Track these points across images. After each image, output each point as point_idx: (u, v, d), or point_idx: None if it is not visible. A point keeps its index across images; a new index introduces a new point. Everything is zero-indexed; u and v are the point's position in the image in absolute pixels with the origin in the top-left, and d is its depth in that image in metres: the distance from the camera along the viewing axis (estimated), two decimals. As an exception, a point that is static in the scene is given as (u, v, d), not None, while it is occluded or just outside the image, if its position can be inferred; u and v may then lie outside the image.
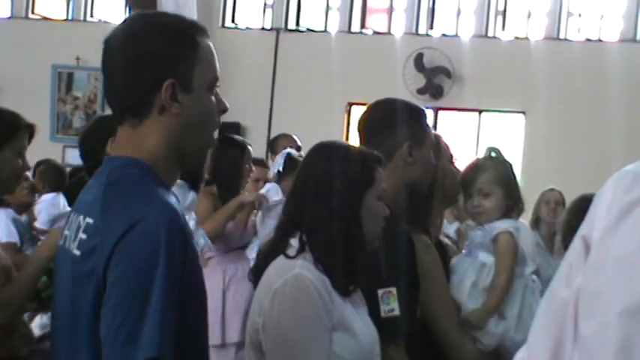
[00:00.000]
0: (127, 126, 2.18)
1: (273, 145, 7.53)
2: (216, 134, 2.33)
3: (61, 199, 7.41)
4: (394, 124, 3.25)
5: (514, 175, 3.54)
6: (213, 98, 2.22)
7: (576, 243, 1.52)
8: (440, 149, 3.53)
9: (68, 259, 2.15)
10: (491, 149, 3.58)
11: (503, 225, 3.44)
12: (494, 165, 3.54)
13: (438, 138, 3.56)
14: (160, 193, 2.11)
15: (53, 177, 7.61)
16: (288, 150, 6.85)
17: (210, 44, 2.24)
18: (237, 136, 6.09)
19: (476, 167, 3.55)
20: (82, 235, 2.10)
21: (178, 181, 5.79)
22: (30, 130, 3.41)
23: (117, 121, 2.21)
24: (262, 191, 6.18)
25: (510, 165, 3.56)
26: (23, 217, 6.96)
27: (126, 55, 2.16)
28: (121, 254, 1.98)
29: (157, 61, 2.13)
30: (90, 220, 2.09)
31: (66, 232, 2.23)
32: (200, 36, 2.20)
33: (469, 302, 3.33)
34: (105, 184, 2.14)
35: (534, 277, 3.53)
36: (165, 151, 2.17)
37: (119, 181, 2.13)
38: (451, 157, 3.63)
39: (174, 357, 1.98)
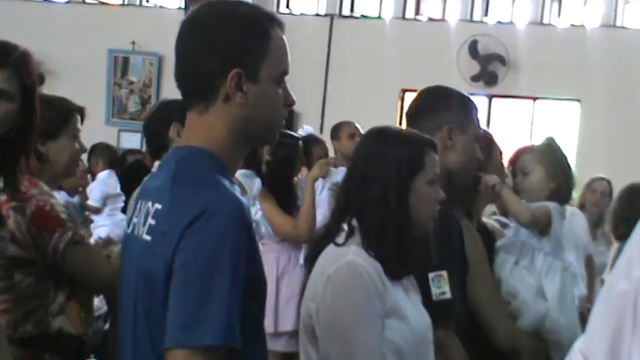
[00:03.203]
0: (195, 112, 2.20)
1: (335, 132, 7.53)
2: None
3: (114, 179, 7.51)
4: (437, 107, 3.25)
5: (566, 161, 3.52)
6: (280, 91, 2.23)
7: (636, 237, 1.53)
8: (492, 146, 3.55)
9: (137, 245, 2.19)
10: (547, 138, 3.58)
11: (544, 203, 3.43)
12: (540, 147, 3.55)
13: (489, 135, 3.59)
14: (225, 183, 2.13)
15: (107, 155, 7.77)
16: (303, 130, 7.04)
17: (284, 37, 2.24)
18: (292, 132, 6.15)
19: (522, 149, 3.57)
20: (152, 221, 2.13)
21: (245, 170, 5.83)
22: (81, 113, 3.46)
23: (185, 105, 2.23)
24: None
25: (560, 150, 3.54)
26: (76, 199, 7.06)
27: (197, 39, 2.18)
28: (187, 241, 2.01)
29: (226, 49, 2.14)
30: (159, 206, 2.13)
31: (134, 219, 2.26)
32: (273, 28, 2.20)
33: (510, 278, 3.34)
34: (173, 172, 2.16)
35: (574, 263, 3.53)
36: (230, 139, 2.19)
37: (187, 169, 2.15)
38: (500, 152, 3.65)
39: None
